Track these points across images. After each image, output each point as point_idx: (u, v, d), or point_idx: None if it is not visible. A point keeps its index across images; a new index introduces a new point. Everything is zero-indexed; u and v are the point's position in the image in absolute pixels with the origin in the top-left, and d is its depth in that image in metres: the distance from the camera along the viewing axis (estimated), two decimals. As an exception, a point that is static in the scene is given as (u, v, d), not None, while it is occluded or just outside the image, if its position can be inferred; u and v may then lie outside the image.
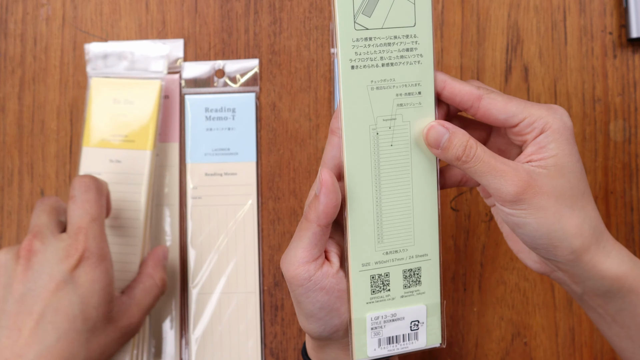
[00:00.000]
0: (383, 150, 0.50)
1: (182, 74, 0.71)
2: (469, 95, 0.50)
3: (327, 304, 0.50)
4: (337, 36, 0.49)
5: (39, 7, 0.71)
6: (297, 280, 0.50)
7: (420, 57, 0.50)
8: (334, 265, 0.51)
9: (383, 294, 0.51)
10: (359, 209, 0.50)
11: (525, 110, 0.50)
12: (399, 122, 0.50)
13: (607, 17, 0.70)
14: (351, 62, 0.49)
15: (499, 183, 0.48)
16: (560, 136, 0.49)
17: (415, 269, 0.52)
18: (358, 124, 0.49)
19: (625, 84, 0.70)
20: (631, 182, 0.69)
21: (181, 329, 0.69)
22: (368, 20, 0.49)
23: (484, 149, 0.49)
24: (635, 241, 0.69)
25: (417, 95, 0.50)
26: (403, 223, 0.51)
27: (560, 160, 0.49)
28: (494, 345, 0.69)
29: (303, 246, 0.50)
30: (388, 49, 0.49)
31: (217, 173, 0.70)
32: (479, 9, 0.70)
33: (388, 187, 0.50)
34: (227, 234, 0.69)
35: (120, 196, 0.66)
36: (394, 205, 0.51)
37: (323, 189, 0.48)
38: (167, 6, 0.71)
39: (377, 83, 0.49)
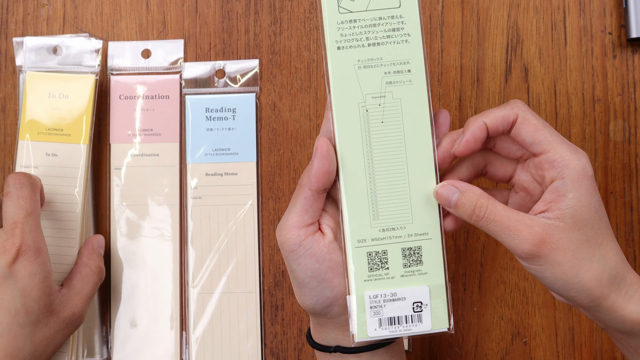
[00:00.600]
0: (374, 126, 0.51)
1: (183, 74, 0.71)
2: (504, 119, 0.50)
3: (318, 273, 0.51)
4: (322, 20, 0.51)
5: (40, 7, 0.71)
6: (288, 244, 0.51)
7: (407, 37, 0.51)
8: (326, 236, 0.52)
9: (381, 272, 0.51)
10: (353, 185, 0.51)
11: (551, 144, 0.49)
12: (389, 99, 0.51)
13: (607, 17, 0.70)
14: (337, 43, 0.51)
15: (513, 242, 0.48)
16: (580, 185, 0.49)
17: (415, 248, 0.52)
18: (347, 101, 0.51)
19: (625, 84, 0.70)
20: (631, 182, 0.69)
21: (181, 328, 0.69)
22: (352, 3, 0.51)
23: (496, 206, 0.49)
24: (635, 241, 0.69)
25: (407, 73, 0.51)
26: (398, 200, 0.51)
27: (578, 212, 0.48)
28: (493, 345, 0.69)
29: (295, 211, 0.51)
30: (373, 30, 0.51)
31: (217, 173, 0.70)
32: (479, 9, 0.70)
33: (381, 163, 0.51)
34: (227, 234, 0.69)
35: (57, 189, 0.67)
36: (388, 181, 0.51)
37: (317, 153, 0.50)
38: (167, 6, 0.71)
39: (364, 62, 0.51)
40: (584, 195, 0.49)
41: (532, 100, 0.70)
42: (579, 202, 0.48)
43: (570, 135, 0.69)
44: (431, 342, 0.69)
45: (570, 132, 0.70)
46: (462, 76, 0.70)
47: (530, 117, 0.50)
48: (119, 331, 0.69)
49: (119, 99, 0.71)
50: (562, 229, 0.48)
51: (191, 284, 0.69)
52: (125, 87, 0.71)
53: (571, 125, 0.70)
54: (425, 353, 0.69)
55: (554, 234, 0.48)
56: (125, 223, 0.70)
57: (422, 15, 0.52)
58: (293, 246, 0.51)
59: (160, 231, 0.70)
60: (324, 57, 0.52)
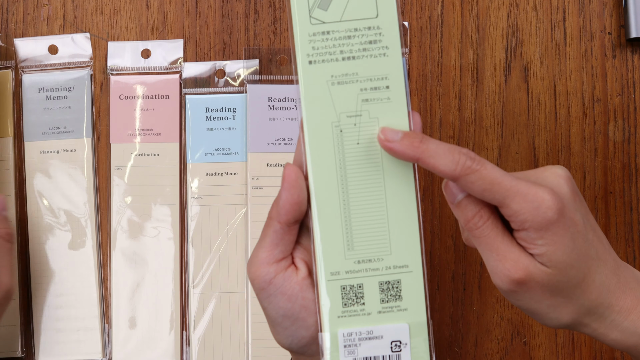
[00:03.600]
0: (348, 148, 0.47)
1: (182, 74, 0.71)
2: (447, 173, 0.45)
3: (291, 312, 0.47)
4: (293, 31, 0.47)
5: (40, 7, 0.71)
6: (257, 282, 0.47)
7: (385, 50, 0.47)
8: (299, 272, 0.48)
9: (357, 308, 0.47)
10: (325, 212, 0.47)
11: (503, 200, 0.44)
12: (365, 118, 0.47)
13: (607, 17, 0.70)
14: (309, 57, 0.47)
15: (498, 267, 0.45)
16: (545, 232, 0.45)
17: (393, 282, 0.47)
18: (319, 121, 0.47)
19: (624, 84, 0.70)
20: (630, 182, 0.69)
21: (182, 328, 0.69)
22: (324, 13, 0.47)
23: (495, 222, 0.46)
24: (634, 241, 0.69)
25: (385, 89, 0.47)
26: (376, 229, 0.47)
27: (553, 257, 0.45)
28: (493, 344, 0.69)
29: (264, 245, 0.47)
30: (348, 42, 0.47)
31: (217, 173, 0.70)
32: (478, 9, 0.70)
33: (356, 188, 0.47)
34: (227, 234, 0.69)
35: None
36: (364, 208, 0.47)
37: (284, 183, 0.46)
38: (167, 6, 0.71)
39: (338, 78, 0.47)
40: (554, 241, 0.45)
41: (531, 100, 0.70)
42: (551, 247, 0.45)
43: (570, 135, 0.70)
44: (431, 342, 0.69)
45: (570, 132, 0.70)
46: (462, 76, 0.70)
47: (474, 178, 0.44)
48: (119, 331, 0.69)
49: (118, 99, 0.71)
50: (543, 272, 0.45)
51: (191, 283, 0.69)
52: (125, 87, 0.71)
53: (571, 125, 0.70)
54: (425, 353, 0.69)
55: (537, 274, 0.45)
56: (125, 223, 0.70)
57: (402, 26, 0.48)
58: (263, 284, 0.47)
59: (161, 231, 0.70)
60: (294, 73, 0.48)
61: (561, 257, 0.45)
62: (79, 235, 0.70)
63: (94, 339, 0.69)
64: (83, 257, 0.70)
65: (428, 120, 0.70)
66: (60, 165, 0.70)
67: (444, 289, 0.69)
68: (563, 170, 0.47)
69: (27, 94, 0.71)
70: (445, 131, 0.70)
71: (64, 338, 0.69)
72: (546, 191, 0.45)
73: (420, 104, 0.70)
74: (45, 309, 0.69)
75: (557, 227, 0.45)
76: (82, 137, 0.70)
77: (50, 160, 0.70)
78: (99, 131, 0.71)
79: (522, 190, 0.44)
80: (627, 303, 0.48)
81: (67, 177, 0.70)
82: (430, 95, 0.70)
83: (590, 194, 0.70)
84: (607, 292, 0.47)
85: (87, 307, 0.70)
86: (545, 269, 0.45)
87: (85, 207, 0.70)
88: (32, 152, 0.70)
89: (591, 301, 0.47)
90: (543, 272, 0.45)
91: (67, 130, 0.71)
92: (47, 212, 0.70)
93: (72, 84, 0.71)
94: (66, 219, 0.70)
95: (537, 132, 0.70)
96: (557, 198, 0.45)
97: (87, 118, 0.71)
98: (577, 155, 0.70)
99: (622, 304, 0.48)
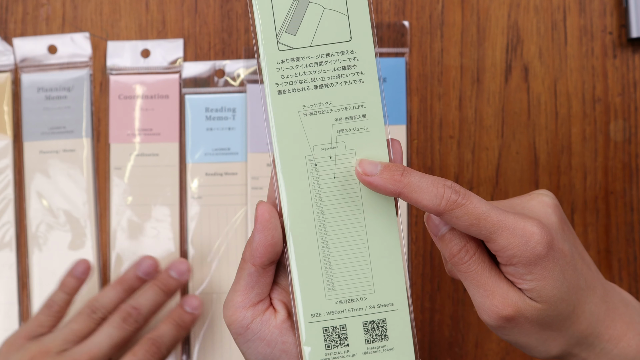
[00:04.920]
0: (324, 183, 0.44)
1: (182, 73, 0.71)
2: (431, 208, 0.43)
3: (271, 357, 0.45)
4: (259, 59, 0.44)
5: (39, 7, 0.71)
6: (234, 327, 0.45)
7: (361, 75, 0.44)
8: (278, 314, 0.45)
9: (340, 350, 0.45)
10: (303, 251, 0.44)
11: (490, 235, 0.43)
12: (341, 150, 0.44)
13: (607, 17, 0.70)
14: (277, 86, 0.44)
15: (485, 304, 0.44)
16: (533, 267, 0.43)
17: (378, 321, 0.45)
18: (292, 155, 0.44)
19: (625, 84, 0.70)
20: (631, 182, 0.69)
21: (181, 329, 0.69)
22: (293, 38, 0.44)
23: (482, 256, 0.45)
24: (635, 241, 0.69)
25: (362, 119, 0.44)
26: (357, 267, 0.45)
27: (543, 292, 0.44)
28: (494, 345, 0.69)
29: (239, 289, 0.45)
30: (320, 69, 0.44)
31: (217, 173, 0.70)
32: (479, 9, 0.70)
33: (334, 225, 0.45)
34: (227, 234, 0.69)
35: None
36: (344, 246, 0.45)
37: (257, 224, 0.44)
38: (167, 6, 0.71)
39: (311, 108, 0.44)
40: (543, 276, 0.44)
41: (532, 100, 0.70)
42: (540, 282, 0.44)
43: (571, 135, 0.70)
44: (431, 343, 0.69)
45: (570, 132, 0.70)
46: (462, 76, 0.70)
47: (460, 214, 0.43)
48: (118, 331, 0.69)
49: (118, 99, 0.71)
50: (532, 307, 0.44)
51: (191, 284, 0.69)
52: (124, 86, 0.71)
53: (571, 125, 0.70)
54: (425, 353, 0.69)
55: (526, 309, 0.44)
56: (125, 223, 0.70)
57: (377, 49, 0.45)
58: (240, 329, 0.45)
59: (160, 231, 0.70)
60: (263, 103, 0.45)
61: (551, 292, 0.44)
62: (78, 235, 0.70)
63: (94, 340, 0.69)
64: (83, 257, 0.70)
65: (428, 120, 0.70)
66: (59, 165, 0.70)
67: (444, 289, 0.69)
68: (550, 198, 0.46)
69: (27, 93, 0.71)
70: (445, 131, 0.70)
71: (63, 338, 0.69)
72: (535, 224, 0.43)
73: (420, 104, 0.70)
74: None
75: (546, 261, 0.43)
76: (81, 137, 0.70)
77: (50, 160, 0.70)
78: (99, 131, 0.71)
79: (510, 225, 0.43)
80: (617, 331, 0.47)
81: (67, 177, 0.70)
82: (430, 95, 0.70)
83: (590, 194, 0.69)
84: (597, 322, 0.47)
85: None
86: (534, 304, 0.44)
87: (84, 207, 0.70)
88: (31, 152, 0.70)
89: (581, 332, 0.46)
90: (532, 308, 0.44)
91: (66, 130, 0.70)
92: (46, 212, 0.70)
93: (72, 83, 0.71)
94: (66, 219, 0.70)
95: (538, 132, 0.70)
96: (545, 231, 0.43)
97: (87, 118, 0.71)
98: (577, 155, 0.70)
99: (611, 332, 0.47)
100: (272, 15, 0.44)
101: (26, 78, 0.71)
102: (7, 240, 0.70)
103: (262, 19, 0.44)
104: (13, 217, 0.70)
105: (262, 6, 0.44)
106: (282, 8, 0.44)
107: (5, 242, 0.70)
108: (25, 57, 0.71)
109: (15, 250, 0.70)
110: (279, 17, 0.44)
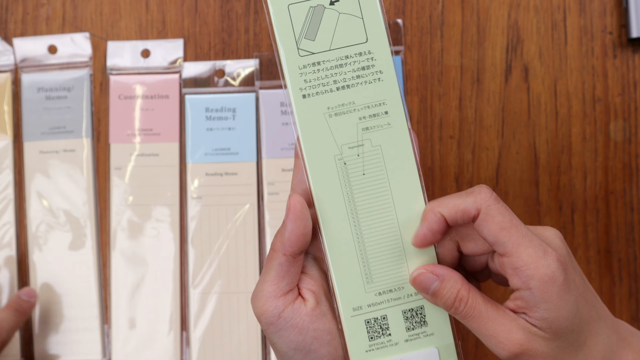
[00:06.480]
0: (355, 180, 0.46)
1: (182, 73, 0.71)
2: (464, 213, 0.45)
3: (302, 345, 0.46)
4: (281, 65, 0.45)
5: (39, 7, 0.71)
6: (266, 317, 0.46)
7: (379, 74, 0.46)
8: (308, 302, 0.46)
9: (384, 340, 0.46)
10: (339, 249, 0.46)
11: (515, 247, 0.44)
12: (368, 147, 0.46)
13: (607, 17, 0.70)
14: (301, 91, 0.45)
15: (490, 344, 0.45)
16: (551, 296, 0.44)
17: (416, 308, 0.47)
18: (321, 156, 0.46)
19: (625, 84, 0.70)
20: (631, 182, 0.69)
21: (181, 329, 0.69)
22: (312, 44, 0.45)
23: (476, 300, 0.45)
24: (635, 241, 0.69)
25: (384, 115, 0.46)
26: (393, 258, 0.46)
27: (554, 323, 0.44)
28: (494, 345, 0.69)
29: (270, 279, 0.46)
30: (341, 71, 0.46)
31: (217, 173, 0.70)
32: (479, 9, 0.70)
33: (368, 220, 0.46)
34: (227, 234, 0.69)
35: None
36: (379, 240, 0.46)
37: (290, 214, 0.45)
38: (167, 6, 0.71)
39: (335, 109, 0.46)
40: (558, 306, 0.44)
41: (532, 100, 0.70)
42: (553, 313, 0.44)
43: (571, 135, 0.70)
44: (431, 342, 0.69)
45: (570, 132, 0.70)
46: (463, 76, 0.70)
47: (495, 212, 0.44)
48: (118, 332, 0.69)
49: (118, 99, 0.71)
50: (541, 338, 0.44)
51: (191, 284, 0.69)
52: (124, 86, 0.71)
53: (571, 125, 0.70)
54: (426, 353, 0.69)
55: (533, 343, 0.44)
56: (125, 223, 0.70)
57: (392, 47, 0.47)
58: (272, 319, 0.46)
59: (160, 231, 0.70)
60: (289, 107, 0.46)
61: (563, 323, 0.44)
62: (78, 235, 0.70)
63: (94, 340, 0.69)
64: (83, 258, 0.70)
65: (429, 120, 0.70)
66: (59, 165, 0.70)
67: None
68: (557, 232, 0.47)
69: (27, 93, 0.71)
70: (445, 131, 0.70)
71: (63, 338, 0.69)
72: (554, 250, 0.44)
73: (420, 104, 0.70)
74: (44, 310, 0.69)
75: (561, 291, 0.44)
76: (81, 137, 0.70)
77: (50, 160, 0.70)
78: (99, 131, 0.71)
79: (535, 243, 0.44)
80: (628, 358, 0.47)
81: (67, 177, 0.70)
82: (430, 95, 0.70)
83: (591, 194, 0.69)
84: (610, 352, 0.47)
85: (87, 308, 0.69)
86: (539, 333, 0.44)
87: (84, 207, 0.70)
88: (31, 152, 0.70)
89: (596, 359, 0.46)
90: (538, 336, 0.44)
91: (66, 130, 0.70)
92: (46, 213, 0.70)
93: (72, 83, 0.71)
94: (66, 219, 0.70)
95: (538, 132, 0.70)
96: (562, 258, 0.44)
97: (87, 118, 0.71)
98: (577, 155, 0.70)
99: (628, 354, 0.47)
100: (290, 23, 0.46)
101: (26, 78, 0.71)
102: (7, 240, 0.70)
103: (281, 28, 0.46)
104: (13, 217, 0.70)
105: (280, 15, 0.46)
106: (300, 15, 0.46)
107: (5, 242, 0.70)
108: (26, 57, 0.71)
109: (15, 250, 0.70)
110: (297, 24, 0.46)
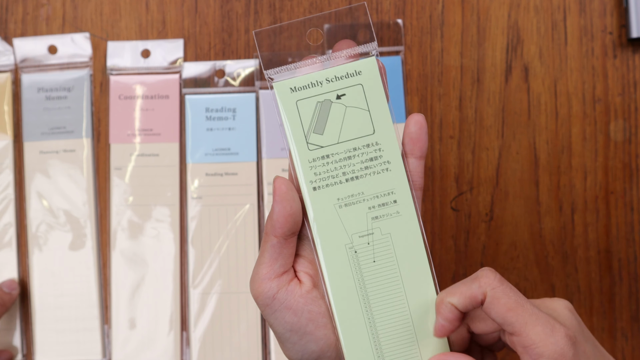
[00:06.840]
0: (365, 268, 0.47)
1: (182, 73, 0.71)
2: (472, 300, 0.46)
3: (297, 326, 0.47)
4: (292, 159, 0.47)
5: (39, 7, 0.71)
6: (261, 298, 0.47)
7: (387, 164, 0.47)
8: (303, 285, 0.47)
9: None
10: (352, 334, 0.47)
11: (523, 326, 0.44)
12: (377, 236, 0.47)
13: (607, 17, 0.70)
14: (312, 183, 0.47)
15: None
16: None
17: None
18: (333, 245, 0.47)
19: (625, 84, 0.70)
20: (631, 182, 0.69)
21: (182, 329, 0.69)
22: (321, 137, 0.47)
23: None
24: (635, 241, 0.69)
25: (393, 204, 0.47)
26: (405, 343, 0.47)
27: None
28: (494, 345, 0.69)
29: (264, 262, 0.47)
30: (349, 163, 0.47)
31: (217, 173, 0.70)
32: (479, 9, 0.70)
33: (379, 307, 0.47)
34: (227, 234, 0.69)
35: None
36: (391, 326, 0.47)
37: (276, 196, 0.46)
38: (167, 6, 0.71)
39: (345, 200, 0.47)
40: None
41: (532, 100, 0.70)
42: None
43: (571, 135, 0.70)
44: (431, 342, 0.69)
45: (570, 132, 0.70)
46: (463, 76, 0.70)
47: (500, 294, 0.45)
48: (118, 332, 0.69)
49: (118, 99, 0.71)
50: None
51: (191, 284, 0.69)
52: (124, 87, 0.71)
53: (572, 125, 0.70)
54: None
55: None
56: (125, 223, 0.70)
57: (400, 139, 0.47)
58: (267, 300, 0.47)
59: (160, 231, 0.70)
60: (300, 193, 0.47)
61: None
62: (78, 235, 0.70)
63: (94, 340, 0.69)
64: (83, 258, 0.70)
65: (429, 120, 0.70)
66: (59, 165, 0.70)
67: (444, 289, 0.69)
68: (566, 303, 0.47)
69: (27, 94, 0.71)
70: (445, 131, 0.70)
71: (63, 339, 0.69)
72: (562, 325, 0.44)
73: (420, 104, 0.70)
74: (44, 310, 0.69)
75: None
76: (81, 137, 0.70)
77: (50, 160, 0.70)
78: (99, 131, 0.71)
79: (543, 320, 0.44)
80: None
81: (67, 177, 0.70)
82: (430, 95, 0.70)
83: (591, 194, 0.69)
84: None
85: (87, 308, 0.69)
86: None
87: (84, 207, 0.70)
88: (31, 152, 0.70)
89: None
90: None
91: (66, 130, 0.70)
92: (46, 213, 0.70)
93: (72, 84, 0.71)
94: (66, 219, 0.70)
95: (538, 132, 0.70)
96: (571, 332, 0.44)
97: (87, 118, 0.71)
98: (577, 156, 0.69)
99: None
100: (299, 118, 0.47)
101: (26, 78, 0.71)
102: (7, 240, 0.70)
103: (291, 123, 0.47)
104: (13, 217, 0.70)
105: (289, 111, 0.47)
106: (308, 111, 0.47)
107: (6, 242, 0.70)
108: (26, 57, 0.71)
109: (15, 250, 0.70)
110: (305, 120, 0.47)
